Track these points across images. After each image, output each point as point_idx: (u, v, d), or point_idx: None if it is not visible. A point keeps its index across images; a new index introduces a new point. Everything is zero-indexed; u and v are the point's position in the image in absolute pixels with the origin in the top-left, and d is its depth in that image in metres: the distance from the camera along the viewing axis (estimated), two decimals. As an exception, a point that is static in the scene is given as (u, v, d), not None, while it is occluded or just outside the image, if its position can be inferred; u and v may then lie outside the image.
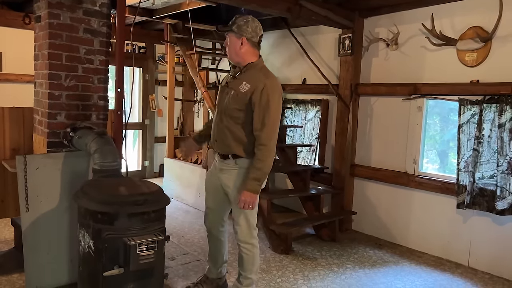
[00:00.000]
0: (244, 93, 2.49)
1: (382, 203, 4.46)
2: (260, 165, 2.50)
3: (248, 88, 2.49)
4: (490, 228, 3.64)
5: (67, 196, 2.84)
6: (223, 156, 2.66)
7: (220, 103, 2.65)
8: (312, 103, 5.10)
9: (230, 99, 2.55)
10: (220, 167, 2.70)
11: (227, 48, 2.58)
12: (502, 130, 3.46)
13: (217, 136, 2.66)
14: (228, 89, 2.59)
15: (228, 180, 2.65)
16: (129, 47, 5.86)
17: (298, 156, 5.23)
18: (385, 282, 3.42)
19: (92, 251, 2.20)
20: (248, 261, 2.72)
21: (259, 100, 2.46)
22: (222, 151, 2.66)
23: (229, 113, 2.56)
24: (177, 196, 5.54)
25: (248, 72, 2.55)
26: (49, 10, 2.80)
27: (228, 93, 2.57)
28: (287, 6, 3.85)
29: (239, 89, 2.52)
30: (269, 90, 2.47)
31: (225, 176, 2.67)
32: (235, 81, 2.58)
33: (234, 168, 2.62)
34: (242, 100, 2.50)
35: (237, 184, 2.61)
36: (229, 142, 2.58)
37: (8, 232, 3.89)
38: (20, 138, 3.68)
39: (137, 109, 6.65)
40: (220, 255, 2.93)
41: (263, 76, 2.53)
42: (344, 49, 4.51)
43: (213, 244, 2.92)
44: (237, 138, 2.56)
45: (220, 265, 2.96)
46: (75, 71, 2.94)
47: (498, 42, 3.54)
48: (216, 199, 2.80)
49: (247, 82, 2.51)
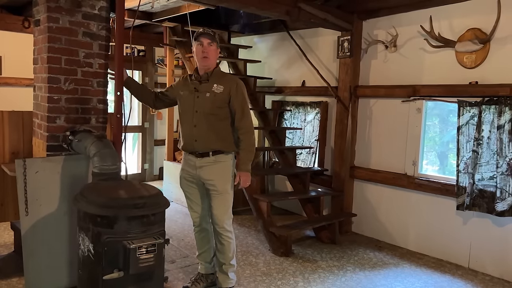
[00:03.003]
0: (221, 93, 2.84)
1: (382, 205, 4.46)
2: (251, 148, 2.91)
3: (223, 89, 2.84)
4: (490, 229, 3.64)
5: (67, 199, 2.84)
6: (201, 155, 2.87)
7: (192, 106, 2.86)
8: (311, 105, 5.10)
9: (207, 100, 2.83)
10: (198, 165, 2.89)
11: (209, 56, 2.84)
12: (501, 131, 3.46)
13: (197, 136, 2.86)
14: (198, 93, 2.86)
15: (210, 174, 2.88)
16: (129, 50, 5.88)
17: (298, 158, 5.23)
18: (386, 284, 3.41)
19: (91, 255, 2.20)
20: (229, 248, 2.96)
21: (236, 97, 2.85)
22: (202, 149, 2.87)
23: (211, 112, 2.83)
24: (177, 199, 5.53)
25: (215, 76, 2.89)
26: (48, 14, 2.80)
27: (200, 96, 2.85)
28: (286, 9, 3.86)
29: (213, 91, 2.84)
30: (241, 88, 2.90)
31: (206, 172, 2.88)
32: (203, 85, 2.86)
33: (214, 163, 2.88)
34: (221, 99, 2.84)
35: (220, 175, 2.90)
36: (212, 140, 2.85)
37: (7, 236, 3.89)
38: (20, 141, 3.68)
39: (137, 112, 6.65)
40: (211, 247, 3.10)
41: (231, 77, 3.00)
42: (343, 51, 4.52)
43: (205, 238, 3.09)
44: (219, 134, 2.87)
45: (212, 257, 3.12)
46: (75, 74, 2.94)
47: (496, 44, 3.54)
48: (198, 195, 3.00)
49: (218, 84, 2.85)
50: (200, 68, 2.90)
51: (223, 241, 2.94)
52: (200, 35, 2.83)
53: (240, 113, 2.87)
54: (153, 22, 5.11)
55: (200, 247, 3.12)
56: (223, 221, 2.92)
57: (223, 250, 2.96)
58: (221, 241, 2.95)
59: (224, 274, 3.00)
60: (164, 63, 6.40)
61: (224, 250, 2.96)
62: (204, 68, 2.88)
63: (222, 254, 2.97)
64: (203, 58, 2.84)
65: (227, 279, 3.01)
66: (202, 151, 2.86)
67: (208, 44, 2.82)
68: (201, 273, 3.14)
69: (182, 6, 4.53)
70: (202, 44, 2.82)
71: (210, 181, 2.89)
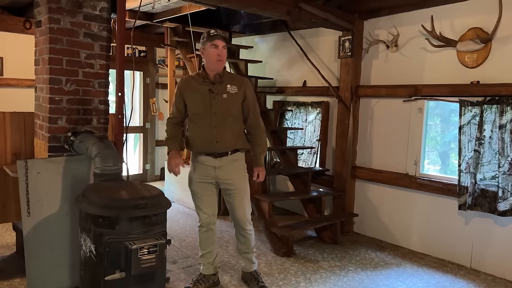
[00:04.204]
0: (236, 94, 2.89)
1: (384, 205, 4.45)
2: (265, 144, 3.09)
3: (237, 89, 2.89)
4: (492, 229, 3.63)
5: (68, 200, 2.84)
6: (220, 155, 2.90)
7: (210, 108, 2.86)
8: (312, 105, 5.10)
9: (225, 101, 2.86)
10: (218, 165, 2.91)
11: (223, 59, 2.86)
12: (503, 131, 3.46)
13: (218, 137, 2.86)
14: (214, 95, 2.86)
15: (229, 174, 2.94)
16: (130, 51, 5.87)
17: (299, 158, 5.22)
18: (387, 284, 3.41)
19: (93, 256, 2.20)
20: (252, 239, 3.11)
21: (250, 96, 2.95)
22: (222, 150, 2.89)
23: (229, 113, 2.88)
24: (179, 200, 5.54)
25: (226, 77, 2.92)
26: (49, 15, 2.81)
27: (217, 98, 2.86)
28: (286, 9, 3.85)
29: (228, 91, 2.87)
30: (251, 86, 3.02)
31: (225, 171, 2.93)
32: (217, 86, 2.88)
33: (232, 162, 2.94)
34: (236, 99, 2.90)
35: (238, 173, 2.99)
36: (232, 139, 2.91)
37: (9, 236, 3.90)
38: (21, 142, 3.68)
39: (138, 113, 6.66)
40: (215, 248, 3.15)
41: (239, 77, 3.08)
42: (344, 51, 4.52)
43: (210, 239, 3.10)
44: (237, 133, 2.94)
45: (215, 258, 3.15)
46: (76, 75, 2.95)
47: (498, 43, 3.54)
48: (212, 196, 3.03)
49: (231, 84, 2.89)
50: (212, 69, 2.88)
51: (247, 235, 3.07)
52: (214, 37, 2.81)
53: (253, 111, 2.98)
54: (154, 22, 5.11)
55: (204, 247, 3.11)
56: (246, 218, 3.03)
57: (246, 242, 3.10)
58: (245, 235, 3.07)
59: (248, 260, 3.16)
60: (165, 63, 6.40)
61: (247, 242, 3.10)
62: (216, 70, 2.87)
63: (245, 245, 3.11)
64: (218, 61, 2.83)
65: (251, 263, 3.17)
66: (221, 151, 2.89)
67: (223, 47, 2.83)
68: (203, 273, 3.14)
69: (183, 7, 4.53)
70: (217, 46, 2.81)
71: (229, 180, 2.94)
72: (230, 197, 3.00)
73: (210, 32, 2.85)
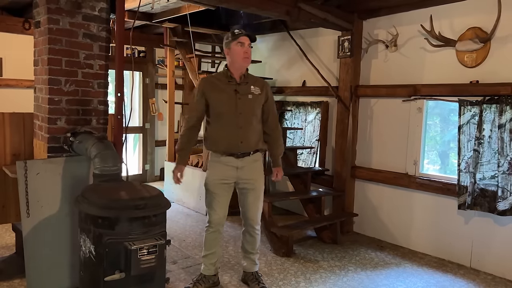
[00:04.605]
0: (259, 95, 2.93)
1: (383, 205, 4.45)
2: (283, 146, 3.17)
3: (259, 91, 2.93)
4: (491, 229, 3.63)
5: (68, 201, 2.84)
6: (243, 155, 2.91)
7: (235, 108, 2.86)
8: (312, 105, 5.10)
9: (250, 102, 2.90)
10: (240, 165, 2.93)
11: (248, 57, 2.89)
12: (502, 130, 3.46)
13: (243, 138, 2.89)
14: (239, 95, 2.87)
15: (250, 173, 2.98)
16: (129, 51, 5.88)
17: (299, 158, 5.22)
18: (387, 284, 3.41)
19: (93, 256, 2.20)
20: (258, 239, 3.14)
21: (271, 97, 3.04)
22: (246, 150, 2.92)
23: (253, 113, 2.92)
24: (178, 200, 5.54)
25: (249, 77, 2.96)
26: (48, 16, 2.80)
27: (242, 98, 2.87)
28: (286, 9, 3.85)
29: (252, 92, 2.91)
30: (270, 88, 3.06)
31: (246, 171, 2.95)
32: (242, 86, 2.90)
33: (254, 162, 2.98)
34: (260, 100, 2.95)
35: (258, 173, 3.04)
36: (255, 140, 2.95)
37: (9, 237, 3.89)
38: (21, 143, 3.68)
39: (138, 113, 6.65)
40: (219, 249, 3.15)
41: (259, 78, 3.07)
42: (343, 51, 4.52)
43: (216, 239, 3.09)
44: (259, 134, 3.00)
45: (217, 259, 3.15)
46: (75, 76, 2.94)
47: (497, 43, 3.54)
48: (227, 197, 3.03)
49: (253, 85, 2.93)
50: (238, 68, 2.89)
51: (255, 234, 3.09)
52: (240, 35, 2.81)
53: (273, 113, 3.06)
54: (153, 23, 5.11)
55: (208, 248, 3.08)
56: (257, 217, 3.07)
57: (253, 242, 3.11)
58: (253, 234, 3.09)
59: (251, 260, 3.17)
60: (164, 64, 6.40)
61: (253, 242, 3.11)
62: (242, 69, 2.90)
63: (251, 244, 3.12)
64: (245, 59, 2.86)
65: (254, 264, 3.19)
66: (244, 152, 2.91)
67: (248, 45, 2.85)
68: (203, 274, 3.13)
69: (182, 7, 4.53)
70: (244, 44, 2.83)
71: (249, 180, 2.97)
72: (246, 196, 3.01)
73: (234, 31, 2.86)
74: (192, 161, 5.52)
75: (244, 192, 3.02)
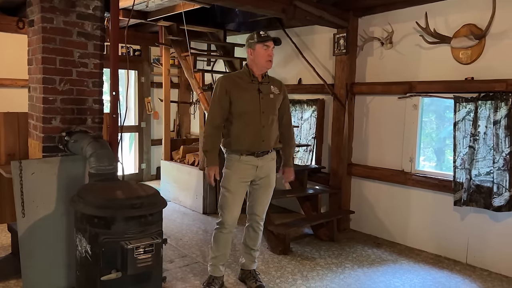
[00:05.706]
0: (278, 94, 3.01)
1: (380, 202, 4.46)
2: (295, 145, 3.28)
3: (278, 91, 3.01)
4: (487, 225, 3.65)
5: (64, 200, 2.83)
6: (262, 154, 2.95)
7: (258, 108, 2.90)
8: (308, 103, 5.10)
9: (271, 101, 2.96)
10: (260, 164, 2.96)
11: (271, 60, 2.96)
12: (497, 127, 3.47)
13: (265, 136, 2.93)
14: (262, 95, 2.93)
15: (267, 171, 3.03)
16: (124, 50, 5.84)
17: (295, 156, 5.22)
18: (384, 280, 3.42)
19: (89, 256, 2.19)
20: (260, 236, 3.19)
21: (287, 97, 3.13)
22: (266, 149, 2.96)
23: (274, 113, 2.99)
24: (175, 199, 5.53)
25: (268, 77, 3.03)
26: (42, 14, 2.78)
27: (264, 98, 2.93)
28: (281, 7, 3.85)
29: (273, 92, 2.97)
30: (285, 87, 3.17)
31: (264, 169, 3.00)
32: (264, 86, 2.96)
33: (271, 160, 3.04)
34: (279, 100, 3.02)
35: (273, 170, 3.09)
36: (274, 139, 3.02)
37: (5, 238, 3.87)
38: (15, 143, 3.66)
39: (133, 112, 6.63)
40: (229, 249, 3.15)
41: (276, 78, 3.13)
42: (339, 48, 4.52)
43: (229, 240, 3.09)
44: (277, 133, 3.06)
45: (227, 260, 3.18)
46: (70, 75, 2.92)
47: (492, 39, 3.55)
48: (243, 197, 3.04)
49: (273, 85, 3.01)
50: (260, 69, 2.94)
51: (258, 230, 3.14)
52: (266, 39, 2.88)
53: (288, 113, 3.14)
54: (148, 21, 5.09)
55: (220, 249, 3.04)
56: (264, 213, 3.13)
57: (256, 237, 3.15)
58: (256, 230, 3.13)
59: (251, 257, 3.19)
60: (160, 62, 6.37)
61: (256, 237, 3.15)
62: (264, 70, 2.96)
63: (253, 241, 3.15)
64: (268, 62, 2.93)
65: (253, 262, 3.22)
66: (264, 150, 2.95)
67: (273, 48, 2.94)
68: (213, 276, 3.08)
69: (177, 5, 4.51)
70: (269, 47, 2.90)
71: (266, 178, 3.02)
72: (258, 191, 3.05)
73: (260, 33, 2.90)
74: (189, 159, 5.51)
75: (257, 188, 3.04)
